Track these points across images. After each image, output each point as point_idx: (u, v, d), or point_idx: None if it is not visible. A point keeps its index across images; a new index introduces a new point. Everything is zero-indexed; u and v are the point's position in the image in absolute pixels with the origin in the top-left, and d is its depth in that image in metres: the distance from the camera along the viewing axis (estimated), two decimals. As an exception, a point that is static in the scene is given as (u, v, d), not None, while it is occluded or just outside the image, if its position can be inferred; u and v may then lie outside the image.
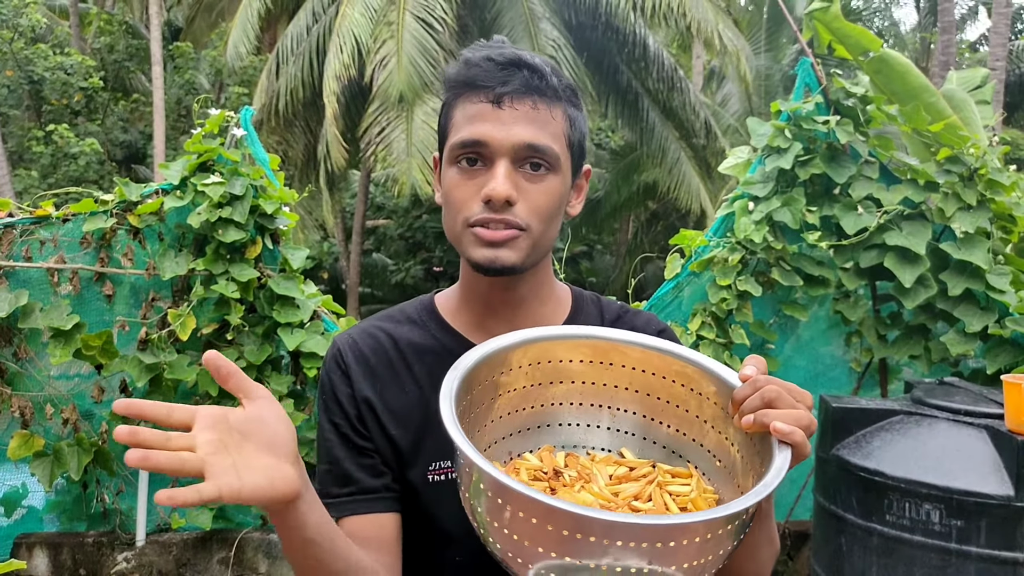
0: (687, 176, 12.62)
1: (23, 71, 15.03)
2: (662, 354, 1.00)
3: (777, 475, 0.80)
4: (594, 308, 1.20)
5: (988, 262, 3.14)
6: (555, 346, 1.01)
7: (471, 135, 1.00)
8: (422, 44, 10.29)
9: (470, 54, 1.05)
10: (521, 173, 1.01)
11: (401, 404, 1.08)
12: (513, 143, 0.99)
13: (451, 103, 1.06)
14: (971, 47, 21.02)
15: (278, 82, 11.65)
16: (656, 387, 1.01)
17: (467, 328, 1.13)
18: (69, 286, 3.30)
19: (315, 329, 3.39)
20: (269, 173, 3.44)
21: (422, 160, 10.02)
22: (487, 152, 1.00)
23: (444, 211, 1.07)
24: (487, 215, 1.00)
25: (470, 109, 1.02)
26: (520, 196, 1.00)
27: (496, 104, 1.00)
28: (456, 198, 1.03)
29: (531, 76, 1.02)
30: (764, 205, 3.33)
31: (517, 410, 1.00)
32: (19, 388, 3.31)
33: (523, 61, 1.03)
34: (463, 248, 1.03)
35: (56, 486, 3.42)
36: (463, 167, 1.02)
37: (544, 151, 1.01)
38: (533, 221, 1.01)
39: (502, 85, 1.00)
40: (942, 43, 10.79)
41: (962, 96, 4.30)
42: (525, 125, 1.00)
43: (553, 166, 1.02)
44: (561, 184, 1.05)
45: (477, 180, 1.01)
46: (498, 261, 1.00)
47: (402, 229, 17.72)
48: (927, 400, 2.53)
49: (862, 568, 2.42)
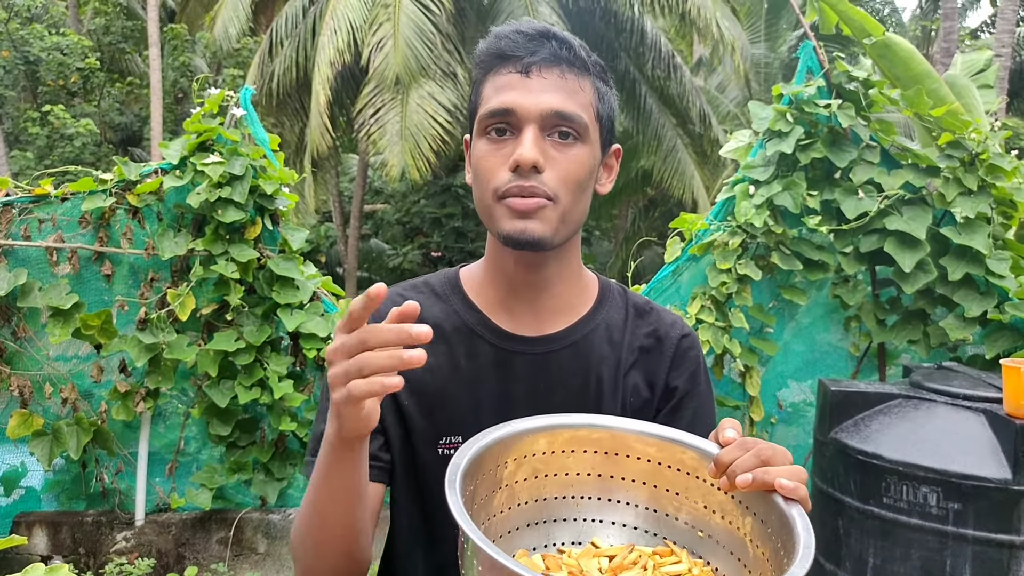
0: (682, 163, 12.58)
1: (19, 51, 14.90)
2: (661, 441, 0.94)
3: (809, 534, 0.76)
4: (620, 300, 1.18)
5: (988, 247, 3.15)
6: (560, 436, 0.94)
7: (499, 104, 1.00)
8: (419, 27, 10.23)
9: (499, 29, 1.05)
10: (549, 141, 1.00)
11: (417, 376, 1.07)
12: (541, 110, 0.99)
13: (481, 79, 1.06)
14: (972, 34, 20.96)
15: (272, 63, 11.59)
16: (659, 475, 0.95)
17: (490, 306, 1.12)
18: (68, 265, 3.29)
19: (315, 310, 3.39)
20: (269, 153, 3.43)
21: (414, 144, 9.99)
22: (515, 120, 1.00)
23: (474, 186, 1.06)
24: (516, 183, 0.98)
25: (499, 80, 1.02)
26: (548, 164, 0.99)
27: (524, 73, 1.00)
28: (484, 168, 1.02)
29: (560, 47, 1.02)
30: (765, 189, 3.32)
31: (519, 504, 0.93)
32: (18, 367, 3.31)
33: (552, 33, 1.03)
34: (493, 222, 1.02)
35: (55, 465, 3.43)
36: (492, 137, 1.02)
37: (572, 118, 1.00)
38: (562, 190, 1.00)
39: (530, 55, 1.01)
40: (944, 30, 10.76)
41: (964, 82, 4.29)
42: (553, 93, 1.00)
43: (581, 135, 1.02)
44: (590, 155, 1.03)
45: (505, 149, 1.00)
46: (527, 232, 0.99)
47: (400, 214, 17.66)
48: (926, 384, 2.54)
49: (859, 550, 2.43)
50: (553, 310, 1.11)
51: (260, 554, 3.50)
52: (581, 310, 1.14)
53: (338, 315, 3.44)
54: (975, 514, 2.22)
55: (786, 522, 0.80)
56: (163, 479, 3.56)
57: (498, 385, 1.09)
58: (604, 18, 12.35)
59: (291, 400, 3.34)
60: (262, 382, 3.36)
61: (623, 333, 1.14)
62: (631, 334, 1.14)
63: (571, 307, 1.13)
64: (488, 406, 1.08)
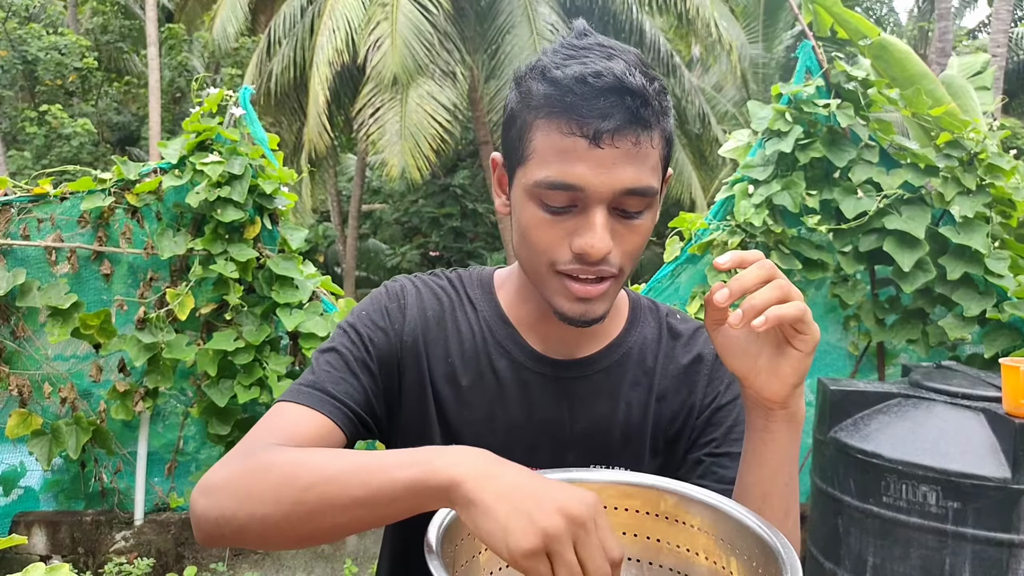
0: (680, 164, 12.60)
1: (16, 51, 14.88)
2: (640, 489, 0.91)
3: (795, 561, 0.75)
4: (652, 318, 1.11)
5: (987, 246, 3.15)
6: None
7: (564, 177, 0.85)
8: (417, 26, 10.24)
9: (558, 71, 0.86)
10: (616, 217, 0.88)
11: (440, 386, 1.03)
12: (613, 189, 0.85)
13: (531, 121, 0.89)
14: (969, 34, 20.98)
15: (270, 63, 11.59)
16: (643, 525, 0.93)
17: (522, 325, 1.05)
18: (67, 265, 3.29)
19: (314, 310, 3.38)
20: (268, 153, 3.43)
21: (414, 143, 9.99)
22: (580, 197, 0.86)
23: (518, 241, 0.95)
24: (578, 266, 0.89)
25: (560, 141, 0.85)
26: (615, 242, 0.88)
27: (594, 142, 0.84)
28: (540, 240, 0.90)
29: (634, 104, 0.85)
30: (764, 188, 3.33)
31: (500, 568, 0.89)
32: (17, 367, 3.31)
33: (625, 87, 0.84)
34: (546, 292, 0.93)
35: (54, 465, 3.42)
36: (550, 208, 0.89)
37: (645, 192, 0.87)
38: (627, 264, 0.91)
39: (602, 119, 0.83)
40: (940, 30, 10.76)
41: (961, 83, 4.30)
42: (625, 166, 0.85)
43: (651, 205, 0.91)
44: (654, 216, 0.93)
45: (566, 224, 0.88)
46: (588, 315, 0.91)
47: (398, 214, 17.66)
48: (925, 383, 2.54)
49: (858, 549, 2.43)
50: (586, 335, 1.05)
51: (259, 554, 3.50)
52: (612, 332, 1.07)
53: (337, 314, 3.44)
54: (974, 513, 2.22)
55: (770, 553, 0.79)
56: (162, 479, 3.56)
57: (519, 409, 1.03)
58: (603, 18, 12.35)
59: (290, 400, 3.34)
60: (261, 381, 3.36)
61: (656, 356, 1.08)
62: (666, 356, 1.08)
63: (603, 330, 1.06)
64: (505, 431, 1.03)
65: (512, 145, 0.93)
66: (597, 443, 1.04)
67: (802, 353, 0.84)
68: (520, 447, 1.02)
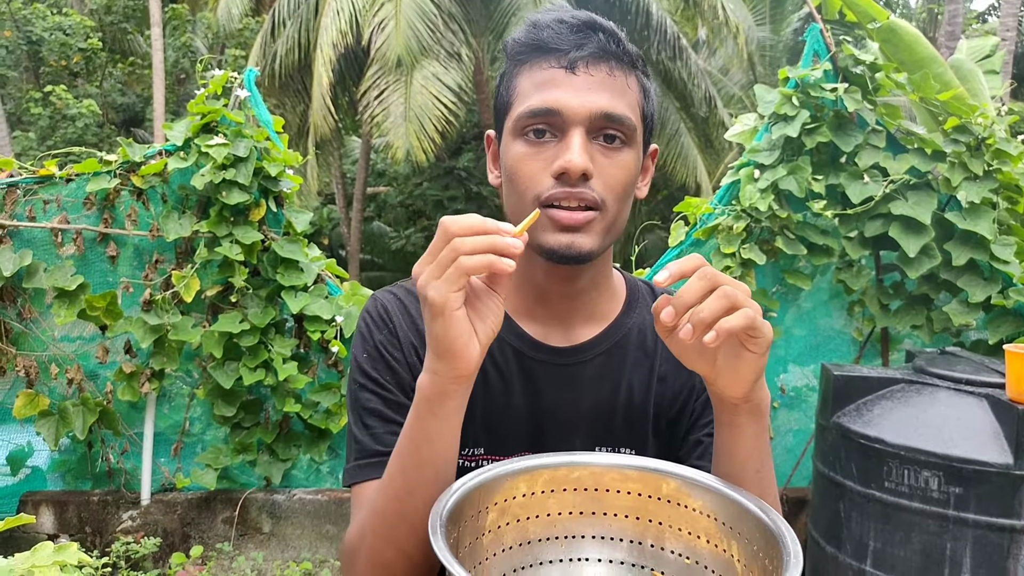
0: (686, 148, 12.53)
1: (21, 31, 14.86)
2: (641, 472, 0.92)
3: (796, 545, 0.76)
4: (651, 301, 1.11)
5: (993, 232, 3.14)
6: (539, 478, 0.92)
7: (542, 103, 0.91)
8: (420, 7, 10.17)
9: (537, 17, 0.96)
10: (595, 145, 0.92)
11: None
12: (589, 111, 0.91)
13: (514, 71, 0.97)
14: (979, 18, 20.78)
15: (275, 44, 11.53)
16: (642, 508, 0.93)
17: (516, 312, 1.05)
18: (73, 247, 3.30)
19: (319, 292, 3.39)
20: (273, 135, 3.43)
21: (419, 125, 9.94)
22: (559, 121, 0.91)
23: (506, 189, 0.98)
24: (560, 190, 0.91)
25: (539, 75, 0.93)
26: (595, 170, 0.91)
27: (570, 69, 0.92)
28: (523, 172, 0.93)
29: (607, 40, 0.93)
30: (770, 173, 3.31)
31: (504, 549, 0.90)
32: (24, 348, 3.32)
33: (597, 24, 0.94)
34: (532, 232, 0.94)
35: (61, 445, 3.45)
36: (530, 139, 0.93)
37: (621, 121, 0.92)
38: (609, 198, 0.93)
39: (576, 49, 0.92)
40: (949, 13, 10.65)
41: (970, 67, 4.27)
42: (601, 92, 0.91)
43: (629, 139, 0.94)
44: (635, 160, 0.96)
45: (547, 153, 0.92)
46: (574, 247, 0.92)
47: (402, 196, 17.62)
48: (928, 369, 2.54)
49: (860, 534, 2.45)
50: (583, 318, 1.06)
51: (265, 534, 3.53)
52: (610, 315, 1.08)
53: (342, 297, 3.45)
54: (976, 498, 2.23)
55: (771, 537, 0.79)
56: (168, 459, 3.58)
57: (524, 397, 1.04)
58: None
59: (295, 382, 3.36)
60: (266, 364, 3.37)
61: (656, 337, 1.08)
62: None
63: (601, 313, 1.07)
64: (513, 418, 1.03)
65: (501, 102, 0.99)
66: (601, 425, 1.05)
67: (756, 354, 0.83)
68: (528, 433, 1.04)
